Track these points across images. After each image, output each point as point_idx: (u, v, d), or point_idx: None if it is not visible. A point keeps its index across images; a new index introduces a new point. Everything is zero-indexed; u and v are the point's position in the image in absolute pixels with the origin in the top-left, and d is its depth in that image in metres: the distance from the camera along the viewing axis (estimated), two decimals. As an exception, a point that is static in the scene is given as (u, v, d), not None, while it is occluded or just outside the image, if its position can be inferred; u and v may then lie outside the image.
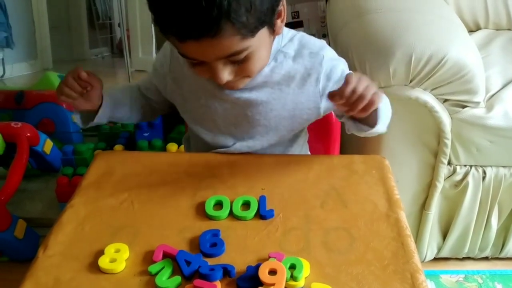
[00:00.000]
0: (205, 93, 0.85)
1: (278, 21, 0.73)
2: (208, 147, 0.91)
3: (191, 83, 0.86)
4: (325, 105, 0.84)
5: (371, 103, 0.68)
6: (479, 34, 1.57)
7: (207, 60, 0.70)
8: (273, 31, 0.74)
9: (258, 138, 0.88)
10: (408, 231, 0.71)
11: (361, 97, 0.67)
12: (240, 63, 0.71)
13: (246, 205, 0.75)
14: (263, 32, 0.70)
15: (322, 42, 0.84)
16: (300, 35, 0.84)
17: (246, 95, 0.82)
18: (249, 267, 0.62)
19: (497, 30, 1.63)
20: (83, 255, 0.66)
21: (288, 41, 0.82)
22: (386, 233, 0.70)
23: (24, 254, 1.31)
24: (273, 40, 0.77)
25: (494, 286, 1.30)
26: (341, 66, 0.83)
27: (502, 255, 1.37)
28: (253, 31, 0.67)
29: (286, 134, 0.89)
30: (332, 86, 0.81)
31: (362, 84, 0.67)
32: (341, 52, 1.18)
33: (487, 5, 1.60)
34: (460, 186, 1.22)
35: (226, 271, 0.62)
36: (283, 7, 0.73)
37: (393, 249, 0.67)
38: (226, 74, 0.72)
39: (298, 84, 0.82)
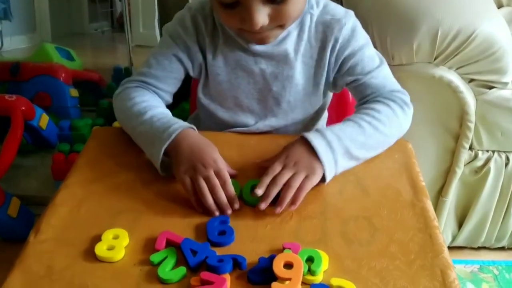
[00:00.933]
0: (230, 64, 0.81)
1: None
2: (224, 128, 0.87)
3: (216, 55, 0.81)
4: (338, 78, 0.82)
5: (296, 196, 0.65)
6: (502, 12, 1.52)
7: None
8: None
9: (281, 116, 0.85)
10: (436, 222, 0.67)
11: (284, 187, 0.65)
12: (278, 4, 0.68)
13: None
14: None
15: (348, 11, 0.81)
16: (330, 4, 0.82)
17: (272, 68, 0.80)
18: (261, 259, 0.58)
19: (520, 8, 1.58)
20: (79, 241, 0.62)
21: (314, 2, 0.80)
22: (412, 224, 0.66)
23: (17, 234, 1.28)
24: None
25: (510, 278, 1.28)
26: (361, 41, 0.80)
27: (519, 246, 1.35)
28: None
29: (311, 110, 0.86)
30: (346, 58, 0.79)
31: (284, 175, 0.66)
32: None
33: (511, -19, 1.54)
34: (480, 172, 1.19)
35: (236, 262, 0.57)
36: None
37: (420, 241, 0.63)
38: (262, 16, 0.68)
39: (318, 53, 0.80)
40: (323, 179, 0.68)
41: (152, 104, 0.78)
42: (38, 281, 0.55)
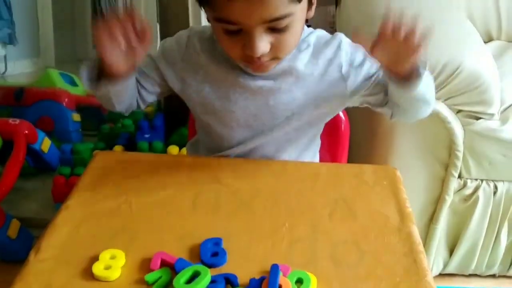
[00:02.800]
0: (224, 82, 0.83)
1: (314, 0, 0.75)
2: (222, 145, 0.89)
3: (208, 73, 0.84)
4: (352, 86, 0.83)
5: (419, 40, 0.65)
6: (492, 45, 1.55)
7: (250, 23, 0.68)
8: (309, 8, 0.75)
9: (278, 130, 0.86)
10: (421, 247, 0.69)
11: (409, 32, 0.65)
12: (278, 33, 0.70)
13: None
14: (304, 4, 0.72)
15: (336, 33, 0.85)
16: (316, 31, 0.85)
17: (269, 83, 0.82)
18: (252, 280, 0.59)
19: (509, 41, 1.61)
20: (77, 261, 0.63)
21: (308, 34, 0.83)
22: (398, 248, 0.68)
23: (16, 255, 1.28)
24: (304, 24, 0.77)
25: None
26: (362, 51, 0.82)
27: (510, 273, 1.34)
28: None
29: (307, 127, 0.88)
30: (356, 72, 0.82)
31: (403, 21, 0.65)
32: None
33: (500, 16, 1.58)
34: (470, 200, 1.21)
35: (229, 281, 0.59)
36: None
37: (405, 265, 0.64)
38: (263, 44, 0.70)
39: (321, 71, 0.82)
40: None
41: None
42: (38, 298, 0.56)
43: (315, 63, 0.82)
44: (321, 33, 0.85)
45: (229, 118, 0.85)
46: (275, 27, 0.69)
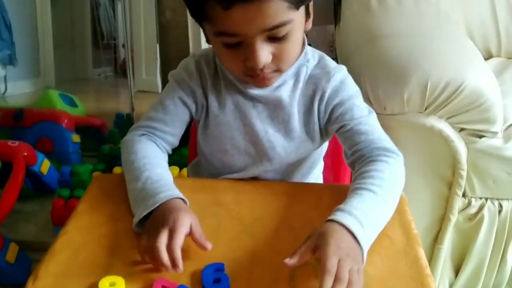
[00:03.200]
0: (229, 106, 0.83)
1: (311, 11, 0.75)
2: (223, 170, 0.88)
3: (216, 98, 0.83)
4: (328, 126, 0.82)
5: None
6: (492, 62, 1.55)
7: (250, 33, 0.68)
8: (307, 19, 0.75)
9: (276, 161, 0.85)
10: (428, 271, 0.67)
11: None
12: (279, 42, 0.70)
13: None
14: (302, 12, 0.71)
15: (340, 66, 0.84)
16: (321, 54, 0.85)
17: (269, 112, 0.82)
18: None
19: (509, 58, 1.62)
20: None
21: (310, 56, 0.83)
22: (404, 272, 0.66)
23: (15, 279, 1.27)
24: (303, 35, 0.77)
25: None
26: (350, 92, 0.81)
27: (516, 293, 1.31)
28: (297, 3, 0.68)
29: (306, 156, 0.88)
30: (336, 107, 0.80)
31: (344, 268, 0.57)
32: (352, 78, 1.16)
33: (499, 33, 1.59)
34: (474, 219, 1.19)
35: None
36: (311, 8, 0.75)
37: None
38: (265, 54, 0.70)
39: (309, 103, 0.82)
40: None
41: (152, 161, 0.78)
42: (35, 328, 0.55)
43: (305, 94, 0.81)
44: (325, 59, 0.84)
45: (230, 144, 0.85)
46: (275, 36, 0.69)
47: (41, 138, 1.82)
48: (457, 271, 1.28)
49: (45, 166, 1.56)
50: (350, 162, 0.80)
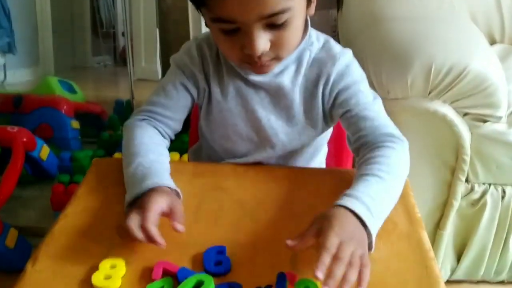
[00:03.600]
0: (231, 92, 0.82)
1: None
2: (225, 156, 0.88)
3: (218, 83, 0.82)
4: (332, 111, 0.81)
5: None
6: (495, 49, 1.54)
7: (247, 19, 0.66)
8: (309, 5, 0.73)
9: (279, 148, 0.84)
10: (432, 254, 0.67)
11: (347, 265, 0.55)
12: (278, 30, 0.68)
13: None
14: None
15: (346, 49, 0.82)
16: (327, 37, 0.83)
17: (270, 98, 0.81)
18: None
19: (512, 45, 1.60)
20: (76, 271, 0.61)
21: (315, 39, 0.81)
22: (408, 255, 0.66)
23: (14, 265, 1.26)
24: (305, 21, 0.75)
25: None
26: (356, 77, 0.80)
27: (519, 280, 1.32)
28: None
29: (309, 143, 0.87)
30: (341, 91, 0.79)
31: (345, 249, 0.55)
32: (355, 61, 1.15)
33: (503, 19, 1.58)
34: (477, 205, 1.19)
35: (233, 290, 0.57)
36: None
37: (417, 273, 0.63)
38: (263, 41, 0.68)
39: (313, 87, 0.80)
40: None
41: (147, 147, 0.77)
42: (35, 310, 0.55)
43: (309, 78, 0.80)
44: (330, 42, 0.82)
45: (232, 131, 0.84)
46: (273, 23, 0.67)
47: (40, 124, 1.82)
48: (459, 256, 1.28)
49: (44, 152, 1.56)
50: (354, 148, 0.79)
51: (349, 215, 0.61)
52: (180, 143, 1.71)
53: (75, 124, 1.89)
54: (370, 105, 0.78)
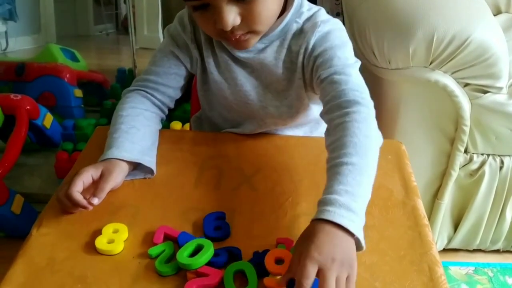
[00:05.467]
0: (221, 65, 0.81)
1: None
2: (224, 125, 0.89)
3: (210, 54, 0.81)
4: (311, 79, 0.77)
5: None
6: (500, 18, 1.52)
7: None
8: None
9: (270, 121, 0.84)
10: (426, 221, 0.69)
11: None
12: (246, 3, 0.67)
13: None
14: None
15: (331, 19, 0.78)
16: (319, 8, 0.79)
17: (256, 74, 0.80)
18: (255, 253, 0.59)
19: (518, 14, 1.57)
20: (80, 235, 0.63)
21: (305, 10, 0.78)
22: (402, 222, 0.68)
23: (21, 230, 1.27)
24: None
25: (505, 280, 1.27)
26: (334, 42, 0.74)
27: (514, 249, 1.34)
28: None
29: (301, 115, 0.85)
30: (317, 57, 0.75)
31: (328, 278, 0.51)
32: (357, 31, 1.14)
33: (509, -12, 1.54)
34: (475, 175, 1.19)
35: (232, 254, 0.59)
36: None
37: (410, 238, 0.65)
38: (231, 15, 0.67)
39: (295, 57, 0.78)
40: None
41: (129, 119, 0.78)
42: (40, 271, 0.57)
43: (293, 49, 0.77)
44: (317, 14, 0.78)
45: (225, 101, 0.84)
46: None
47: (43, 92, 1.81)
48: (456, 226, 1.29)
49: (48, 120, 1.56)
50: (321, 114, 0.73)
51: (328, 229, 0.54)
52: (182, 112, 1.72)
53: (78, 92, 1.88)
54: (342, 68, 0.72)
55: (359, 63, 0.75)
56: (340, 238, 0.54)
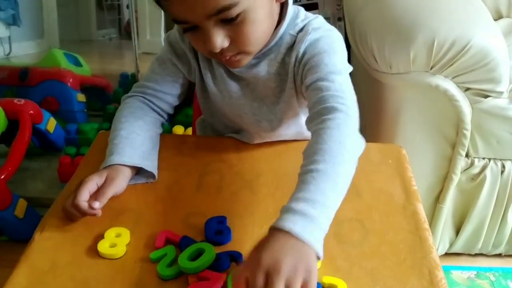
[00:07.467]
0: (217, 77, 0.81)
1: None
2: (225, 131, 0.90)
3: (206, 65, 0.81)
4: (301, 87, 0.74)
5: None
6: (501, 23, 1.52)
7: (195, 19, 0.64)
8: None
9: (267, 135, 0.84)
10: (426, 225, 0.69)
11: None
12: (233, 25, 0.65)
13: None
14: None
15: (323, 26, 0.76)
16: (315, 16, 0.78)
17: (250, 87, 0.80)
18: None
19: (519, 19, 1.57)
20: (82, 239, 0.63)
21: (300, 21, 0.76)
22: (403, 226, 0.68)
23: (24, 234, 1.25)
24: (276, 6, 0.72)
25: (507, 284, 1.27)
26: (322, 48, 0.72)
27: (516, 253, 1.33)
28: None
29: (298, 125, 0.84)
30: (305, 65, 0.73)
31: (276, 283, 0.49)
32: (358, 36, 1.15)
33: (510, -7, 1.54)
34: (477, 179, 1.19)
35: (233, 258, 0.59)
36: None
37: (410, 243, 0.65)
38: (219, 38, 0.65)
39: (287, 71, 0.76)
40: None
41: (128, 124, 0.78)
42: (42, 275, 0.57)
43: (286, 61, 0.76)
44: (311, 22, 0.76)
45: (222, 110, 0.85)
46: (225, 18, 0.64)
47: (46, 97, 1.81)
48: (458, 230, 1.29)
49: (51, 124, 1.56)
50: (305, 123, 0.70)
51: (279, 236, 0.53)
52: (185, 117, 1.72)
53: (81, 97, 1.89)
54: (327, 76, 0.69)
55: (348, 70, 0.74)
56: (291, 244, 0.52)
